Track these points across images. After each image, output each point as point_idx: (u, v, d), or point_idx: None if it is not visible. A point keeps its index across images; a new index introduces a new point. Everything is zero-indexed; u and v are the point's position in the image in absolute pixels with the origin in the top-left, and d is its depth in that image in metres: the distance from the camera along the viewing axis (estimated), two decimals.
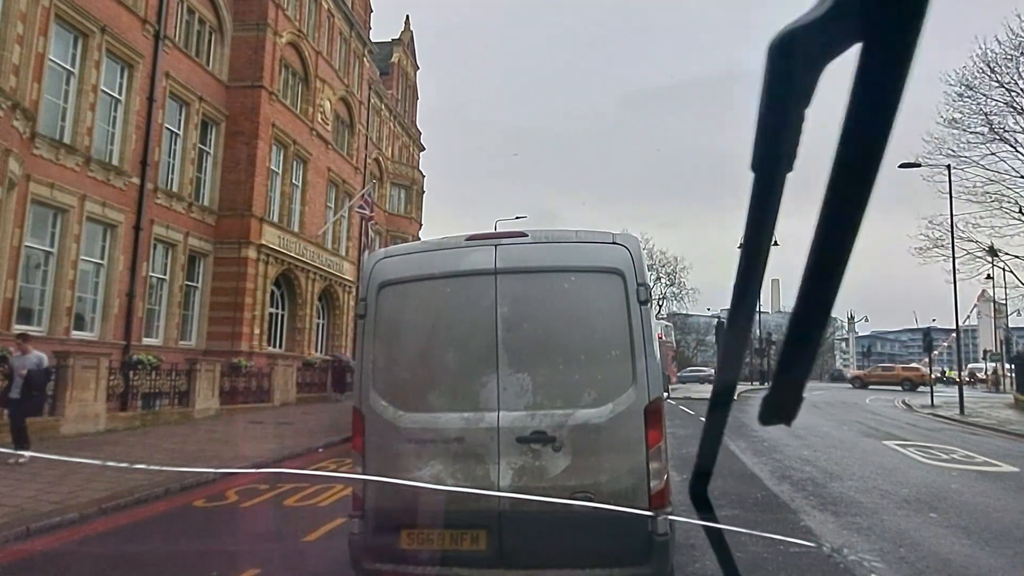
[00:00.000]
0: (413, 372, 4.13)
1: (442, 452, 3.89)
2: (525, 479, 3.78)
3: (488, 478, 3.79)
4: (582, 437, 3.81)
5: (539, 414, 3.84)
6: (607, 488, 3.77)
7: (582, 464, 3.80)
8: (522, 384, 3.88)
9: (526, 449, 3.80)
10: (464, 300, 4.06)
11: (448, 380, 4.01)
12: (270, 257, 22.71)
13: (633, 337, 3.89)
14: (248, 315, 21.50)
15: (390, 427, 4.01)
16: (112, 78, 17.32)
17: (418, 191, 41.71)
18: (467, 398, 3.92)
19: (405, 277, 4.20)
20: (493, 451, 3.82)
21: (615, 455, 3.81)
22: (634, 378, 3.86)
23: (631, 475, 3.79)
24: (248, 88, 22.09)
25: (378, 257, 4.38)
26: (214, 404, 17.25)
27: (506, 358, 3.90)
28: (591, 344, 3.93)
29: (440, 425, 3.91)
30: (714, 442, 1.04)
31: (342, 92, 29.18)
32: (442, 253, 4.22)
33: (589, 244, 4.10)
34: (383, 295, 4.21)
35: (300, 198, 25.71)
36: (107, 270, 17.19)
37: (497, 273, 4.01)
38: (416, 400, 4.02)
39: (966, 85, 25.63)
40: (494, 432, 3.83)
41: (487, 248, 4.08)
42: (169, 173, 19.84)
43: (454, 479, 3.86)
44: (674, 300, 66.48)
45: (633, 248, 4.07)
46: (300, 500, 7.96)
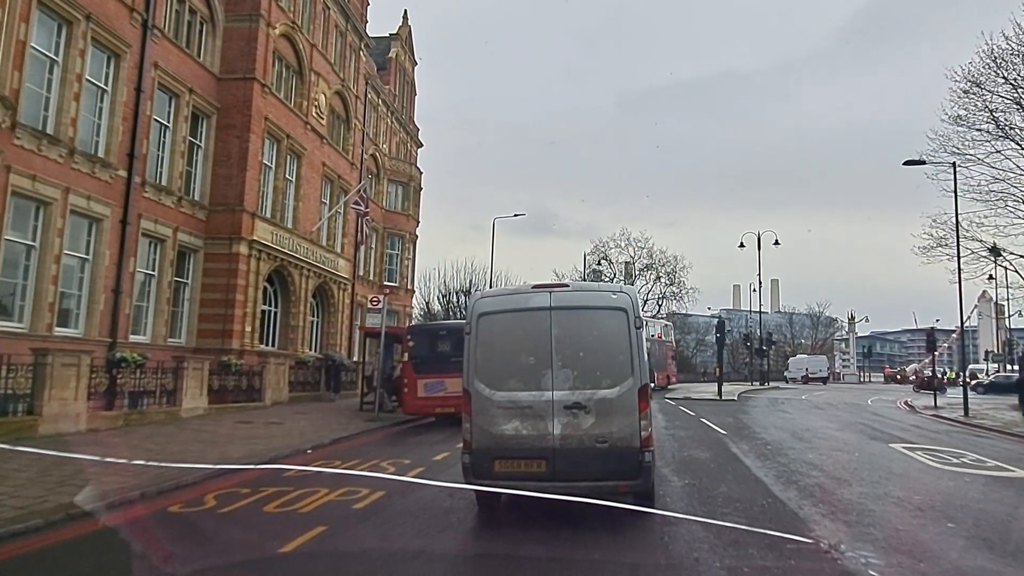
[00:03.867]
0: (501, 367, 6.78)
1: (518, 415, 6.58)
2: (569, 429, 6.50)
3: (547, 429, 6.51)
4: (602, 405, 6.53)
5: (577, 392, 6.55)
6: (617, 435, 6.48)
7: (602, 421, 6.50)
8: (567, 375, 6.60)
9: (569, 413, 6.52)
10: (531, 325, 6.78)
11: (523, 373, 6.68)
12: (262, 253, 22.24)
13: (632, 347, 6.67)
14: (239, 312, 21.04)
15: (487, 400, 6.69)
16: (98, 67, 16.84)
17: (416, 188, 41.22)
18: (534, 383, 6.62)
19: (494, 310, 7.01)
20: (550, 413, 6.53)
21: (621, 416, 6.51)
22: (632, 371, 6.64)
23: (630, 427, 6.50)
24: (240, 80, 21.60)
25: (477, 297, 7.39)
26: (202, 403, 16.79)
27: (557, 360, 6.62)
28: (607, 352, 6.70)
29: (518, 399, 6.62)
30: None
31: (337, 86, 28.70)
32: (517, 295, 7.23)
33: (606, 292, 7.15)
34: (481, 321, 6.95)
35: (294, 193, 25.22)
36: (92, 265, 16.71)
37: (551, 309, 6.78)
38: (503, 384, 6.70)
39: (972, 82, 25.14)
40: (551, 403, 6.55)
41: (544, 294, 6.91)
42: (158, 167, 19.36)
43: (526, 430, 6.55)
44: (673, 300, 65.66)
45: (632, 294, 7.05)
46: (281, 506, 7.51)
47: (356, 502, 7.75)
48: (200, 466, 9.33)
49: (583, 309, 6.82)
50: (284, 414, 18.26)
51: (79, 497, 7.22)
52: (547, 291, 6.91)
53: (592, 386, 6.53)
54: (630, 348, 6.60)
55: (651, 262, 63.21)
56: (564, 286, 7.09)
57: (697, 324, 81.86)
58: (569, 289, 7.06)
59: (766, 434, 15.88)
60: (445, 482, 8.48)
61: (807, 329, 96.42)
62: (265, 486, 8.52)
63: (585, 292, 7.12)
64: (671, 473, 10.14)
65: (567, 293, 6.93)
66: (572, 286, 7.17)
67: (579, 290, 7.14)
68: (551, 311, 6.74)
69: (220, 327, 20.72)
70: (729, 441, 14.24)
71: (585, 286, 7.67)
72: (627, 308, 6.73)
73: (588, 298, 6.96)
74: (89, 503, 7.04)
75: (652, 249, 64.05)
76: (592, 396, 6.50)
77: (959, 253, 25.98)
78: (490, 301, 7.20)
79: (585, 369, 6.58)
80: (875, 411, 26.85)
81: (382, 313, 19.29)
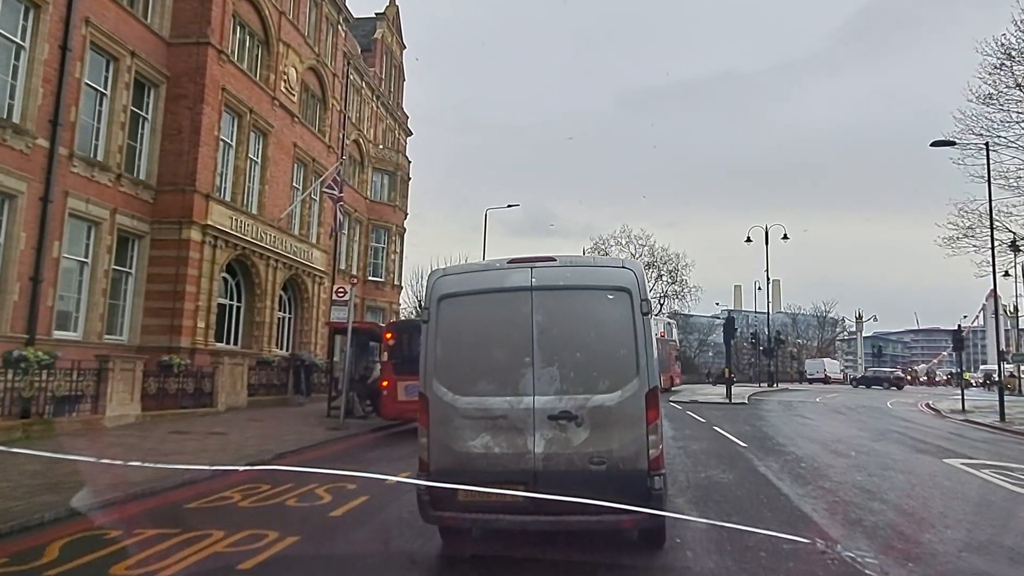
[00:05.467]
0: (467, 365, 5.35)
1: (490, 427, 5.14)
2: (555, 447, 5.04)
3: (526, 446, 5.05)
4: (598, 415, 5.07)
5: (565, 398, 5.10)
6: (617, 454, 5.02)
7: (598, 436, 5.04)
8: (552, 375, 5.16)
9: (555, 424, 5.06)
10: (507, 310, 5.35)
11: (495, 372, 5.25)
12: (219, 240, 19.79)
13: (637, 340, 5.17)
14: (190, 306, 18.60)
15: (449, 407, 5.27)
16: (12, 18, 14.44)
17: (403, 178, 38.81)
18: (509, 386, 5.18)
19: (460, 291, 5.47)
20: (530, 426, 5.08)
21: (623, 429, 5.06)
22: (638, 371, 5.13)
23: (635, 444, 5.03)
24: (193, 45, 19.16)
25: (437, 275, 5.66)
26: (133, 410, 14.36)
27: (539, 355, 5.18)
28: (605, 345, 5.24)
29: (488, 406, 5.17)
30: None
31: (311, 61, 26.26)
32: (489, 272, 5.63)
33: (604, 267, 5.75)
34: (442, 306, 5.48)
35: (259, 176, 22.78)
36: (4, 249, 14.31)
37: (532, 290, 5.31)
38: (470, 387, 5.26)
39: (1006, 53, 22.83)
40: (531, 411, 5.10)
41: (524, 270, 5.39)
42: (92, 138, 16.93)
43: (499, 447, 5.11)
44: (676, 299, 63.35)
45: (637, 271, 5.46)
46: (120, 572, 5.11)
47: (247, 557, 5.39)
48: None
49: (575, 289, 5.34)
50: (235, 421, 15.86)
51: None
52: (527, 267, 5.40)
53: (586, 390, 5.12)
54: (635, 340, 5.16)
55: (653, 260, 61.06)
56: (550, 260, 5.46)
57: (699, 324, 79.84)
58: (556, 264, 5.44)
59: (794, 447, 13.45)
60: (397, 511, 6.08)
61: (812, 329, 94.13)
62: (141, 527, 6.13)
63: (578, 268, 5.50)
64: (687, 504, 7.77)
65: (554, 269, 5.39)
66: (560, 260, 5.49)
67: (570, 265, 5.48)
68: (532, 292, 5.29)
69: (169, 323, 18.29)
70: (753, 457, 11.82)
71: (578, 260, 5.83)
72: (631, 288, 5.25)
73: (581, 275, 5.45)
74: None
75: (654, 247, 61.93)
76: (585, 403, 5.09)
77: (993, 242, 23.69)
78: (454, 280, 5.59)
79: (576, 367, 5.17)
80: (900, 416, 24.46)
81: (349, 306, 16.87)
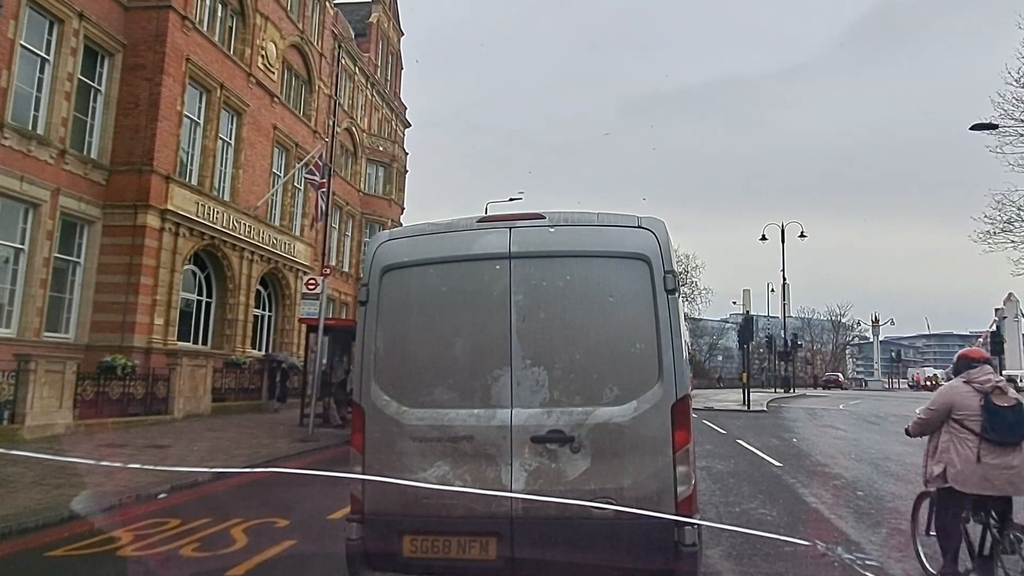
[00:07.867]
0: (419, 364, 3.73)
1: (450, 452, 3.58)
2: (540, 482, 3.46)
3: (500, 481, 3.48)
4: (603, 437, 3.50)
5: (556, 411, 3.54)
6: (630, 493, 3.41)
7: (603, 467, 3.47)
8: (538, 379, 3.58)
9: (542, 450, 3.51)
10: (475, 287, 3.73)
11: (457, 373, 3.67)
12: (182, 228, 17.77)
13: (660, 329, 3.55)
14: (146, 300, 16.57)
15: (393, 423, 3.67)
16: None
17: (399, 170, 36.81)
18: (477, 393, 3.61)
19: (411, 261, 3.85)
20: (506, 451, 3.52)
21: (639, 457, 3.47)
22: (660, 374, 3.51)
23: (656, 479, 3.44)
24: (152, 9, 17.18)
25: (381, 239, 4.03)
26: (62, 419, 12.32)
27: (520, 350, 3.60)
28: (614, 336, 3.60)
29: (448, 422, 3.60)
30: None
31: (294, 38, 24.27)
32: (451, 235, 3.88)
33: (613, 228, 3.78)
34: (386, 280, 3.86)
35: (232, 159, 20.78)
36: None
37: (512, 258, 3.72)
38: (421, 395, 3.69)
39: None
40: (507, 431, 3.53)
41: (501, 231, 3.79)
42: (31, 109, 14.96)
43: (462, 481, 3.52)
44: (686, 301, 61.16)
45: (660, 232, 3.73)
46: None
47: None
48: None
49: (571, 257, 3.70)
50: (188, 432, 13.82)
51: None
52: (505, 226, 3.82)
53: (585, 400, 3.53)
54: (656, 329, 3.53)
55: None
56: (537, 217, 3.85)
57: (709, 328, 77.79)
58: (545, 223, 3.81)
59: (839, 468, 11.25)
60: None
61: (826, 332, 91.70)
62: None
63: (575, 228, 3.79)
64: (723, 560, 5.60)
65: (541, 231, 3.77)
66: (551, 217, 3.83)
67: (564, 224, 3.80)
68: (511, 261, 3.71)
69: (121, 319, 16.28)
70: (794, 481, 9.63)
71: (575, 218, 3.86)
72: (651, 256, 3.62)
73: (580, 238, 3.74)
74: None
75: None
76: (584, 419, 3.50)
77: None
78: (402, 246, 3.94)
79: (572, 368, 3.57)
80: None
81: (320, 300, 14.84)
